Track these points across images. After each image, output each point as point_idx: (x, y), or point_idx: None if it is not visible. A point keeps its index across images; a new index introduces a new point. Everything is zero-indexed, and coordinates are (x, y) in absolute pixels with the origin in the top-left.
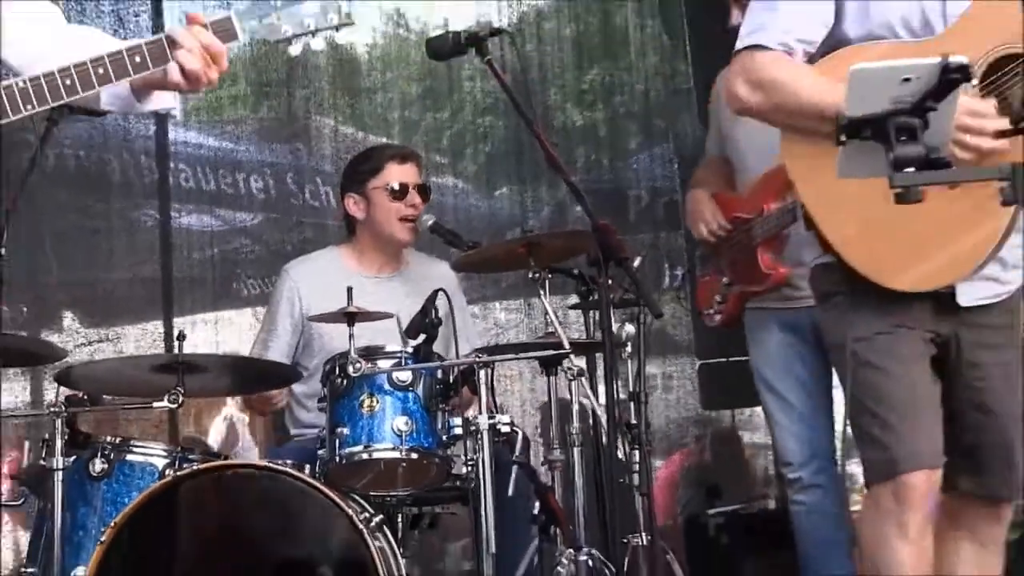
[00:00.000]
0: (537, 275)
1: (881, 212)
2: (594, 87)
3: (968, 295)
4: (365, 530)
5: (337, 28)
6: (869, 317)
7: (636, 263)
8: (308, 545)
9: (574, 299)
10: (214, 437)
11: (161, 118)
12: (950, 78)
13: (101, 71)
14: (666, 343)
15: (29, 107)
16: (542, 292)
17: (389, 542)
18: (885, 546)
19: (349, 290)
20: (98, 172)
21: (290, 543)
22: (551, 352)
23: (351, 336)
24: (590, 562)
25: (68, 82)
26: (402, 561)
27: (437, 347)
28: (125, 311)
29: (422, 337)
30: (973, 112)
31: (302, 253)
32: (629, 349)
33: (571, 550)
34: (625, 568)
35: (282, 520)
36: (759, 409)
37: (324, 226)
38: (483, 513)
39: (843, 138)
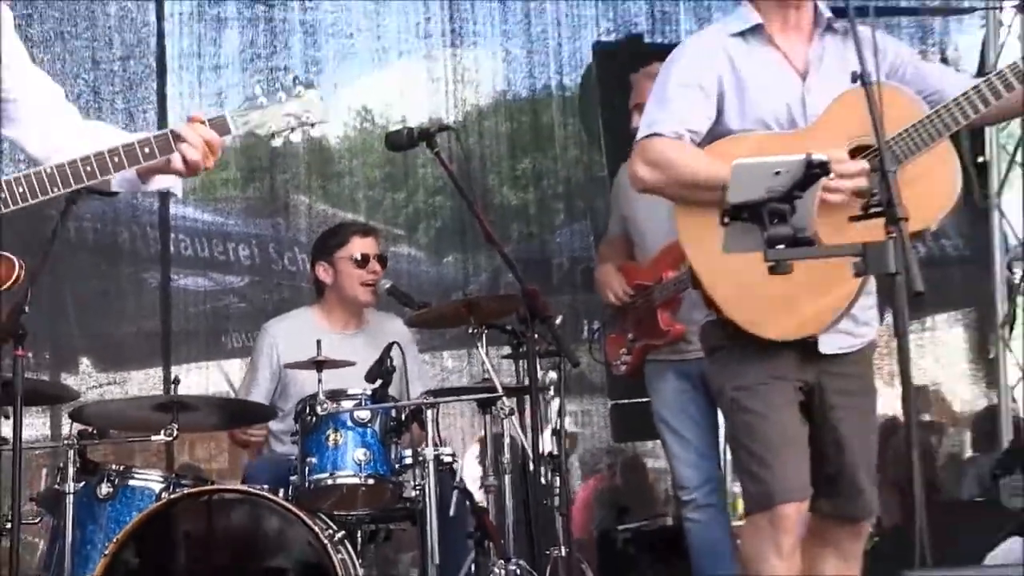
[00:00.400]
0: (475, 331)
1: (756, 275)
2: (525, 174)
3: (828, 345)
4: (329, 544)
5: (313, 125)
6: (747, 369)
7: (558, 321)
8: (281, 557)
9: (507, 350)
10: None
11: (164, 196)
12: (813, 172)
13: (116, 159)
14: (583, 386)
15: (55, 189)
16: (480, 345)
17: (350, 554)
18: (764, 562)
19: (318, 343)
20: (110, 242)
21: (266, 555)
22: (486, 395)
23: (319, 381)
24: (518, 571)
25: (88, 168)
26: (360, 571)
27: (392, 390)
28: (131, 359)
29: (379, 382)
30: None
31: (281, 311)
32: (552, 392)
33: (502, 561)
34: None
35: (260, 536)
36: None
37: (299, 288)
38: (428, 530)
39: (726, 220)
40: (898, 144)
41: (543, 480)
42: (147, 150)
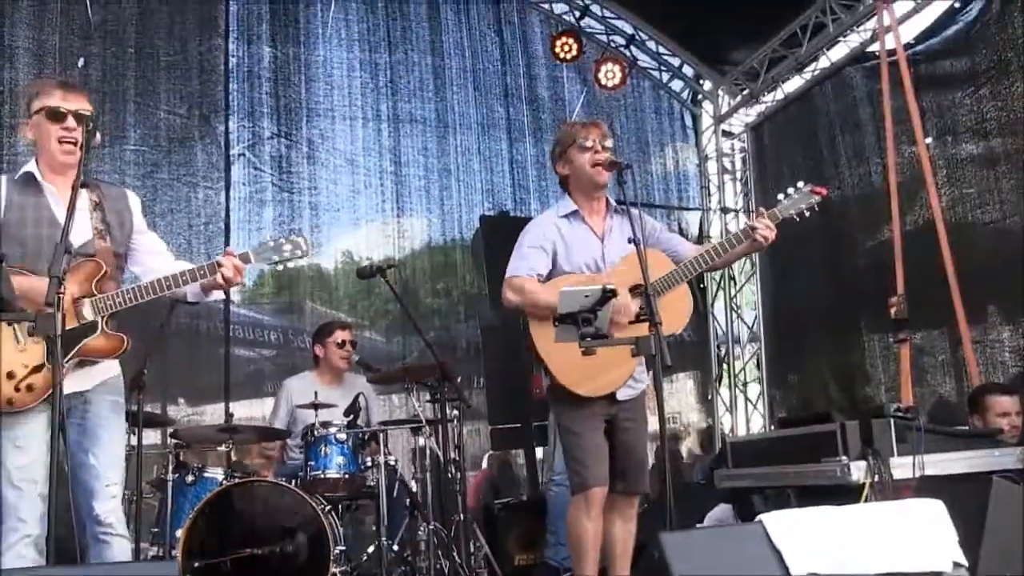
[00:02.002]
0: (409, 385)
1: (575, 356)
2: (441, 291)
3: (622, 394)
4: (322, 513)
5: (302, 257)
6: (572, 409)
7: (458, 380)
8: (294, 520)
9: (428, 396)
10: None
11: (226, 302)
12: (606, 296)
13: (183, 278)
14: (474, 416)
15: (149, 295)
16: (412, 393)
17: (335, 519)
18: (580, 525)
19: (315, 394)
20: (195, 328)
21: (285, 519)
22: (416, 424)
23: (316, 416)
24: (433, 528)
25: (167, 283)
26: (340, 529)
27: (361, 421)
28: (206, 399)
29: (351, 416)
30: (621, 308)
31: (294, 372)
32: (456, 422)
33: (424, 523)
34: (452, 532)
35: (281, 507)
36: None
37: (306, 358)
38: (381, 505)
39: (556, 323)
40: (659, 283)
41: (449, 473)
42: (200, 272)
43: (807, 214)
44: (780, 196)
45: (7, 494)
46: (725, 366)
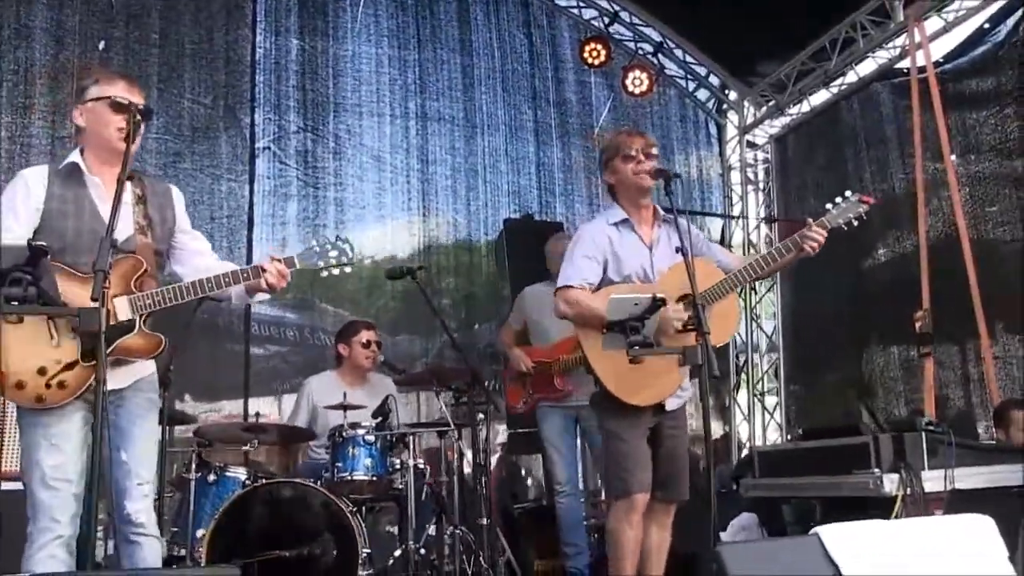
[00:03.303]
0: (436, 388)
1: (624, 366)
2: (460, 292)
3: (670, 404)
4: (350, 516)
5: (347, 265)
6: (619, 417)
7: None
8: (322, 522)
9: (452, 399)
10: None
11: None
12: (656, 304)
13: (225, 280)
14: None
15: (190, 295)
16: (439, 396)
17: (360, 519)
18: (621, 530)
19: (344, 394)
20: (215, 325)
21: (312, 521)
22: (444, 427)
23: (345, 418)
24: (460, 531)
25: (209, 285)
26: (364, 529)
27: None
28: (225, 395)
29: (380, 418)
30: (676, 312)
31: (315, 372)
32: (482, 426)
33: (451, 526)
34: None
35: (307, 508)
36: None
37: (326, 358)
38: (409, 507)
39: (605, 331)
40: (709, 293)
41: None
42: (245, 276)
43: (855, 223)
44: (828, 205)
45: (41, 494)
46: (743, 375)
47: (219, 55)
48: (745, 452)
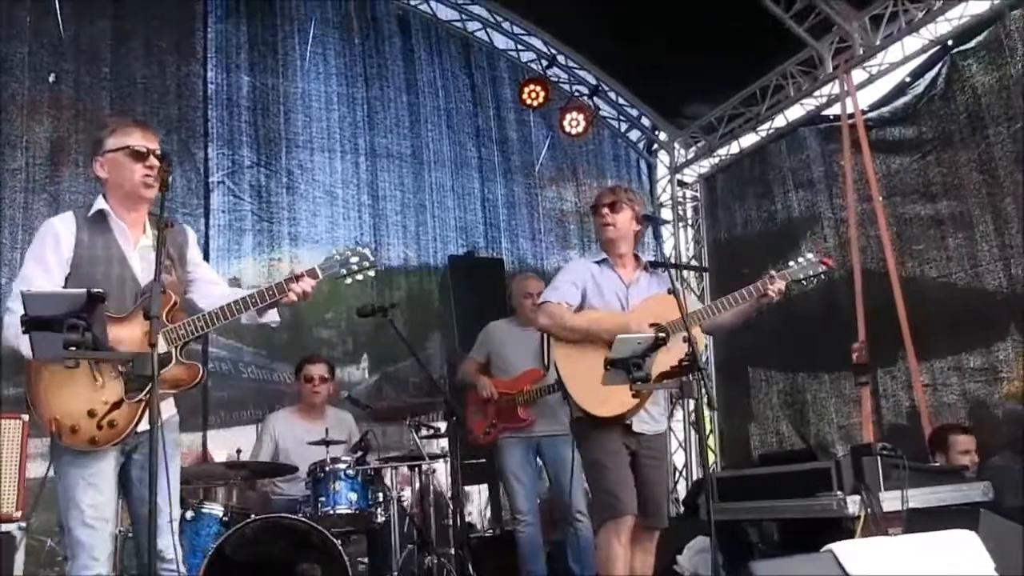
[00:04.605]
0: (409, 423)
1: (593, 383)
2: (420, 325)
3: (638, 426)
4: (342, 550)
5: (368, 270)
6: (599, 440)
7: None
8: (312, 554)
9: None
10: None
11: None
12: (657, 342)
13: (253, 301)
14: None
15: (218, 322)
16: (412, 431)
17: (339, 548)
18: (612, 551)
19: (327, 431)
20: None
21: (303, 554)
22: (418, 460)
23: (327, 453)
24: (437, 559)
25: (238, 307)
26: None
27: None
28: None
29: (359, 453)
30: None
31: (278, 407)
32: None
33: (432, 554)
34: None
35: (298, 543)
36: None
37: (290, 394)
38: (393, 538)
39: (608, 367)
40: (673, 326)
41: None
42: (269, 293)
43: (814, 281)
44: (791, 263)
45: (79, 533)
46: (679, 403)
47: (171, 90)
48: (695, 478)
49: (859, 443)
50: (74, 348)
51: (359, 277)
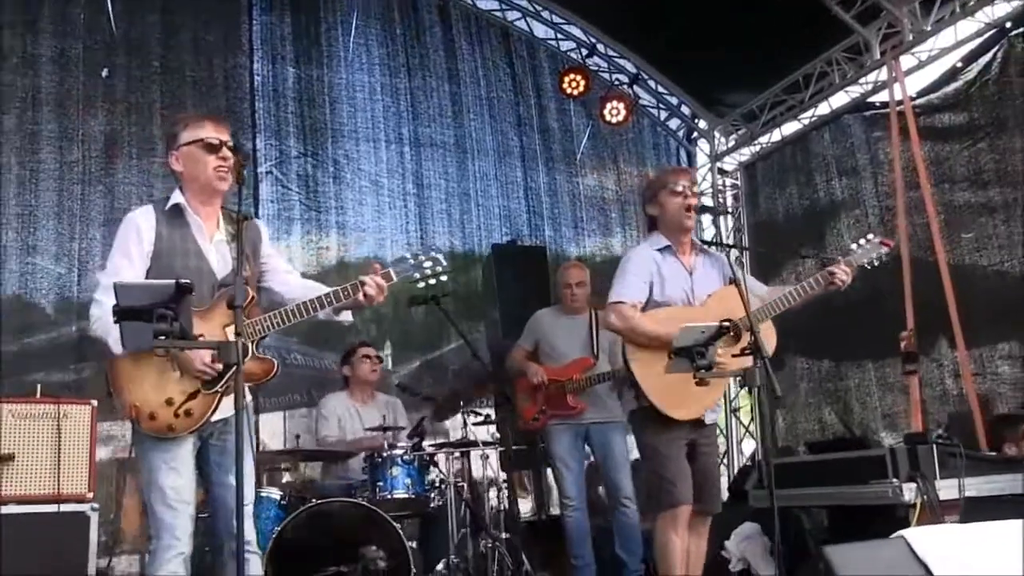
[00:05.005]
0: (464, 410)
1: (668, 382)
2: (463, 313)
3: (708, 418)
4: (402, 533)
5: (440, 276)
6: (660, 432)
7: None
8: (373, 537)
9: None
10: None
11: None
12: (720, 331)
13: (327, 300)
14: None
15: (296, 318)
16: (466, 417)
17: (400, 532)
18: (669, 539)
19: (384, 417)
20: None
21: (364, 537)
22: (472, 448)
23: (384, 437)
24: (489, 541)
25: (313, 306)
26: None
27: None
28: None
29: (416, 439)
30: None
31: (329, 391)
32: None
33: (489, 538)
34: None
35: (359, 525)
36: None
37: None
38: (450, 523)
39: (672, 355)
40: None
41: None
42: (344, 292)
43: (876, 263)
44: (853, 246)
45: (163, 514)
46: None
47: (218, 82)
48: (740, 465)
49: (905, 431)
50: (163, 337)
51: (431, 281)
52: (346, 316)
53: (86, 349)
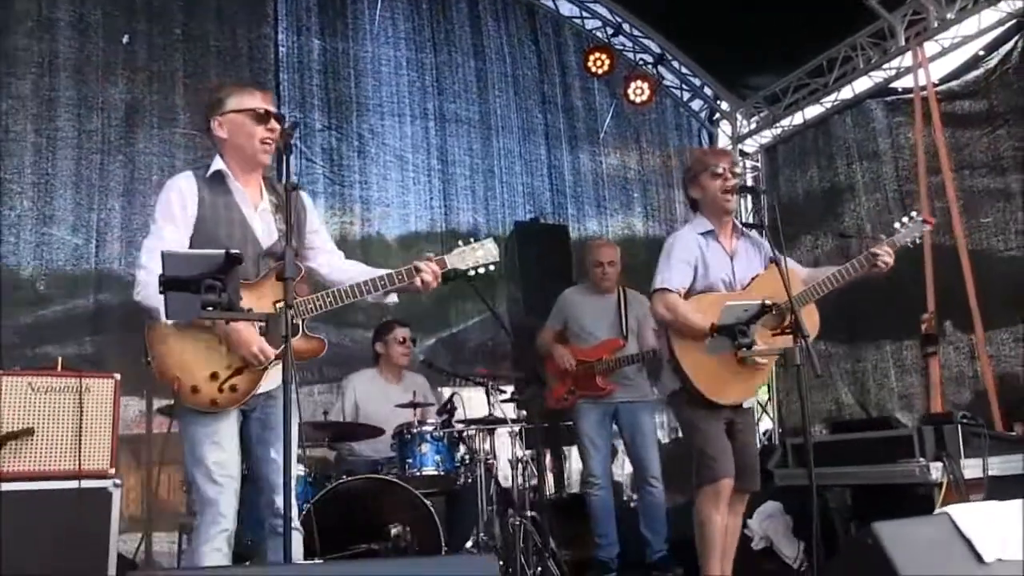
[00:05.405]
0: (492, 387)
1: (712, 369)
2: (486, 290)
3: (746, 402)
4: (433, 510)
5: (492, 265)
6: (703, 411)
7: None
8: (403, 513)
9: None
10: None
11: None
12: (764, 309)
13: (382, 283)
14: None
15: (347, 299)
16: (494, 395)
17: (431, 509)
18: (709, 514)
19: (414, 393)
20: None
21: (394, 513)
22: (500, 423)
23: (415, 416)
24: (518, 519)
25: (367, 287)
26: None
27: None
28: None
29: (445, 415)
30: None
31: (357, 369)
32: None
33: (518, 516)
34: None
35: (389, 502)
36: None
37: (367, 358)
38: (480, 500)
39: (713, 335)
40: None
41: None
42: (399, 276)
43: (919, 241)
44: (896, 224)
45: (207, 490)
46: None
47: (242, 52)
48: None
49: (920, 412)
50: (211, 309)
51: (481, 271)
52: (392, 298)
53: (102, 321)
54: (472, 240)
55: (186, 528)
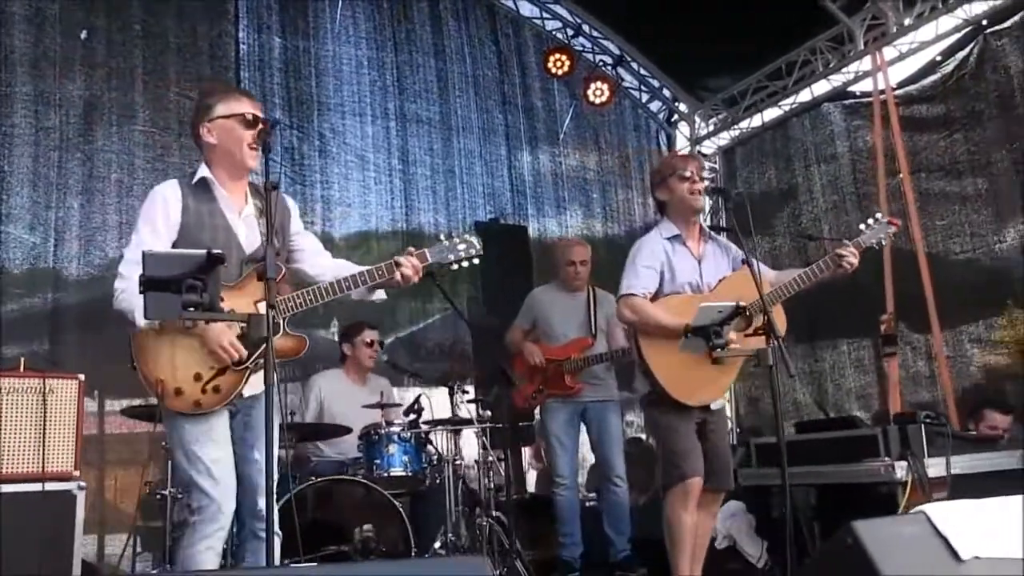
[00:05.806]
0: (456, 386)
1: (681, 371)
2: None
3: (715, 404)
4: (403, 511)
5: (475, 258)
6: (673, 412)
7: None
8: (372, 514)
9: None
10: None
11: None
12: (737, 311)
13: (362, 279)
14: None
15: (328, 296)
16: (459, 395)
17: (400, 510)
18: (678, 515)
19: (382, 394)
20: None
21: (363, 514)
22: (466, 423)
23: (382, 417)
24: (486, 519)
25: (347, 284)
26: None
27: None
28: None
29: (412, 416)
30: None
31: (324, 369)
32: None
33: (485, 516)
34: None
35: (358, 503)
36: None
37: (326, 357)
38: (448, 500)
39: (688, 335)
40: (758, 303)
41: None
42: (379, 272)
43: (884, 242)
44: (861, 226)
45: (206, 486)
46: None
47: (203, 50)
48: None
49: (879, 411)
50: (192, 309)
51: (464, 264)
52: (379, 295)
53: (60, 321)
54: (453, 235)
55: (139, 531)
